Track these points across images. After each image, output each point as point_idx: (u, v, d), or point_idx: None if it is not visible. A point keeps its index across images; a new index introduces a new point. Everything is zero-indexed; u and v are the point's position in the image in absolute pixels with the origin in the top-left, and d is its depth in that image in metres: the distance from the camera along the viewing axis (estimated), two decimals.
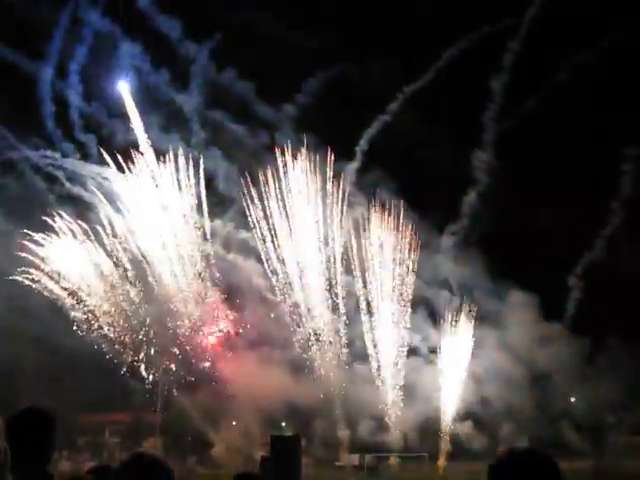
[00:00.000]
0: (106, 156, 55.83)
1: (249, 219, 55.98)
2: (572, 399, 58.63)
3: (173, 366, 57.12)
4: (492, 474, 3.63)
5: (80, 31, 57.50)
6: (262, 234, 55.86)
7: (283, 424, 56.19)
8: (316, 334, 56.84)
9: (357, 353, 57.60)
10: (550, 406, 57.33)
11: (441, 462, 56.82)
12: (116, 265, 56.36)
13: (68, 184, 57.04)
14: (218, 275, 57.68)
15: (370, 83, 59.25)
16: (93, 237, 55.73)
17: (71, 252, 55.55)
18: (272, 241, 56.00)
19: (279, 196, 55.56)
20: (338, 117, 56.15)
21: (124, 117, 57.24)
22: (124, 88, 57.59)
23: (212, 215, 57.77)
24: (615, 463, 47.47)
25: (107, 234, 55.83)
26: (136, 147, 56.26)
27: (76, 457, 52.92)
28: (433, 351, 58.10)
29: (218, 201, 58.24)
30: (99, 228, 55.69)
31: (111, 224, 55.96)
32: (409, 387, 57.11)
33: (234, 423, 56.24)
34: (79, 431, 57.36)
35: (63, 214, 55.41)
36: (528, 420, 56.37)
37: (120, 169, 56.06)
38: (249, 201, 55.47)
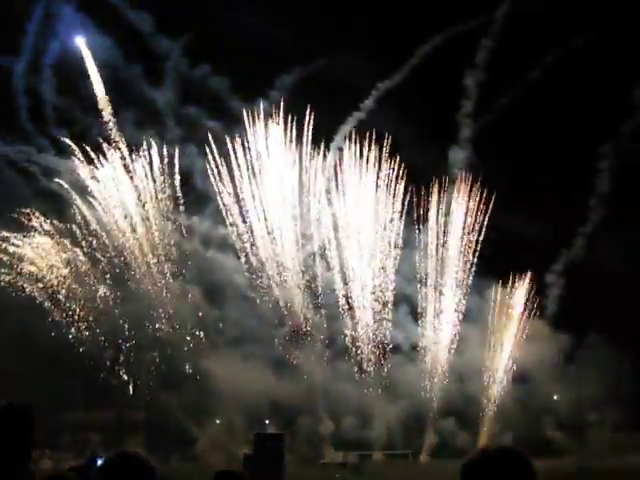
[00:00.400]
0: (78, 152, 55.42)
1: (225, 216, 56.21)
2: (554, 396, 58.92)
3: (154, 367, 56.86)
4: (464, 473, 3.58)
5: (53, 25, 57.18)
6: (239, 232, 55.97)
7: (267, 421, 56.12)
8: (298, 331, 56.86)
9: (339, 350, 57.78)
10: (532, 403, 57.58)
11: (423, 458, 57.08)
12: (93, 265, 55.95)
13: (44, 180, 56.50)
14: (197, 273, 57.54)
15: (344, 80, 59.27)
16: (70, 236, 55.31)
17: (48, 252, 54.96)
18: (250, 240, 56.17)
19: (254, 191, 55.72)
20: (312, 113, 56.21)
21: (99, 112, 56.85)
22: (81, 42, 57.04)
23: (190, 212, 57.63)
24: (597, 460, 47.72)
25: (84, 233, 55.46)
26: (109, 141, 55.97)
27: (58, 456, 52.47)
28: (415, 348, 58.41)
29: (196, 198, 58.03)
30: (75, 227, 55.27)
31: (87, 222, 55.52)
32: (392, 384, 57.27)
33: (218, 421, 56.12)
34: (61, 429, 56.87)
35: (38, 213, 54.76)
36: (511, 417, 56.68)
37: (95, 165, 55.71)
38: (224, 197, 55.63)
